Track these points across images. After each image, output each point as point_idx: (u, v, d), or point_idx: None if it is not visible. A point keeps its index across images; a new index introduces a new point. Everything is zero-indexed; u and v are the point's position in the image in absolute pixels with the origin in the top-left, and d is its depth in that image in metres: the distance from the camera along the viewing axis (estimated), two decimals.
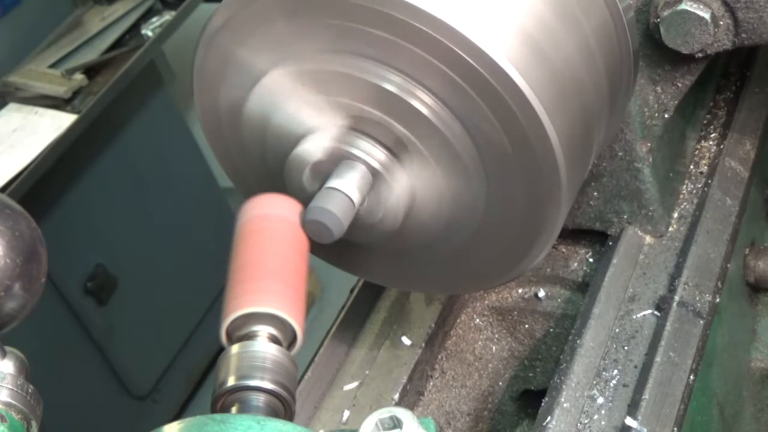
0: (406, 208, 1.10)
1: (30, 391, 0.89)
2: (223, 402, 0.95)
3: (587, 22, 1.12)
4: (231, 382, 0.94)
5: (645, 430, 1.14)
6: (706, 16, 1.19)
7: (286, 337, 1.00)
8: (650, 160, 1.32)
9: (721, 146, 1.48)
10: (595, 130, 1.16)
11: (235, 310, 0.99)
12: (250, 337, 0.98)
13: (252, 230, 1.07)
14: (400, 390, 1.31)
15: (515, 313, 1.45)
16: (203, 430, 0.85)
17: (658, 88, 1.30)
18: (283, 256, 1.05)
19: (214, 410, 0.95)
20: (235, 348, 0.97)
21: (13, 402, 0.87)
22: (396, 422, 0.80)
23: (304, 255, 1.07)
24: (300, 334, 1.00)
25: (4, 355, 0.90)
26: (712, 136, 1.50)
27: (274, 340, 0.98)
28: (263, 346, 0.97)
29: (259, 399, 0.94)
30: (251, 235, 1.07)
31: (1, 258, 0.82)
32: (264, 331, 0.98)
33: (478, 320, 1.47)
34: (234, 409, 0.93)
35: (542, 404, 1.20)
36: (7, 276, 0.83)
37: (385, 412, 0.81)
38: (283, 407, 0.95)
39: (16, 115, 2.91)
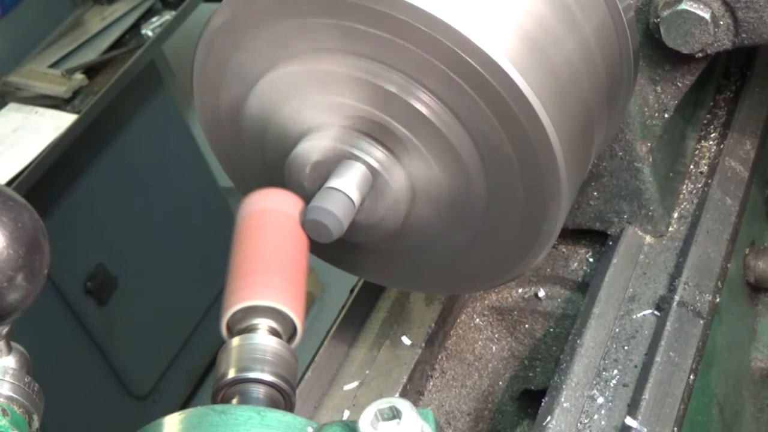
0: (406, 208, 1.10)
1: (32, 385, 0.89)
2: (223, 394, 0.95)
3: (587, 21, 1.12)
4: (231, 374, 0.95)
5: (645, 430, 1.14)
6: (706, 16, 1.19)
7: (286, 330, 1.00)
8: (650, 159, 1.32)
9: (721, 146, 1.48)
10: (595, 129, 1.16)
11: (235, 304, 1.00)
12: (251, 330, 0.98)
13: (252, 224, 1.07)
14: (400, 390, 1.31)
15: (515, 313, 1.45)
16: (204, 421, 0.86)
17: (658, 88, 1.30)
18: (283, 250, 1.06)
19: (214, 402, 0.95)
20: (235, 341, 0.97)
21: (16, 396, 0.88)
22: (395, 413, 0.81)
23: (304, 249, 1.07)
24: (300, 327, 1.01)
25: (10, 351, 0.90)
26: (712, 136, 1.50)
27: (274, 332, 0.99)
28: (263, 339, 0.97)
29: (260, 391, 0.94)
30: (252, 229, 1.07)
31: (4, 249, 0.83)
32: (264, 324, 0.99)
33: (478, 320, 1.47)
34: (234, 401, 0.94)
35: (542, 404, 1.20)
36: (9, 266, 0.83)
37: (384, 403, 0.81)
38: (283, 399, 0.95)
39: (16, 115, 2.91)
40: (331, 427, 0.85)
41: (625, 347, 1.25)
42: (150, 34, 3.09)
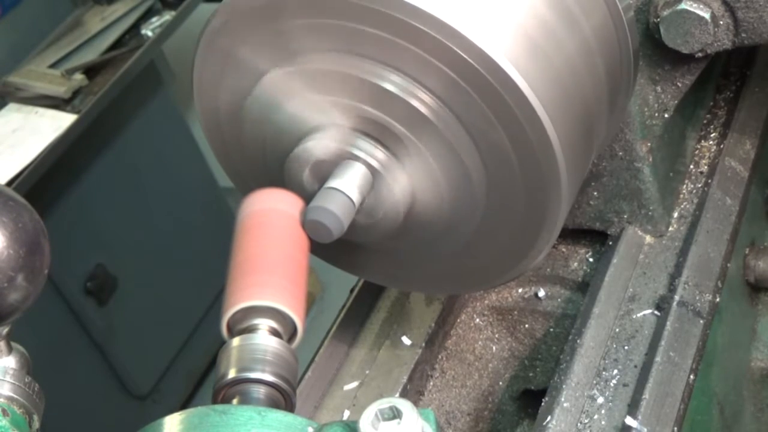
0: (406, 208, 1.10)
1: (32, 385, 0.90)
2: (224, 394, 0.95)
3: (587, 22, 1.12)
4: (232, 374, 0.95)
5: (645, 429, 1.14)
6: (706, 15, 1.19)
7: (286, 330, 1.00)
8: (650, 159, 1.32)
9: (721, 146, 1.48)
10: (595, 129, 1.16)
11: (235, 304, 0.99)
12: (251, 330, 0.98)
13: (253, 224, 1.07)
14: (400, 390, 1.31)
15: (515, 312, 1.45)
16: (205, 421, 0.86)
17: (658, 88, 1.30)
18: (283, 250, 1.06)
19: (215, 402, 0.95)
20: (235, 341, 0.97)
21: (16, 396, 0.88)
22: (396, 413, 0.81)
23: (305, 249, 1.07)
24: (300, 327, 1.01)
25: (10, 351, 0.90)
26: (712, 135, 1.50)
27: (274, 333, 0.99)
28: (264, 339, 0.97)
29: (260, 391, 0.94)
30: (252, 229, 1.07)
31: (5, 249, 0.83)
32: (264, 324, 0.99)
33: (478, 320, 1.47)
34: (235, 401, 0.93)
35: (542, 404, 1.20)
36: (10, 267, 0.83)
37: (384, 403, 0.81)
38: (283, 399, 0.95)
39: (16, 115, 2.91)
40: (332, 427, 0.85)
41: (625, 347, 1.25)
42: (150, 34, 3.09)
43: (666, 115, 1.32)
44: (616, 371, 1.22)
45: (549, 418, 1.17)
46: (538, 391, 1.41)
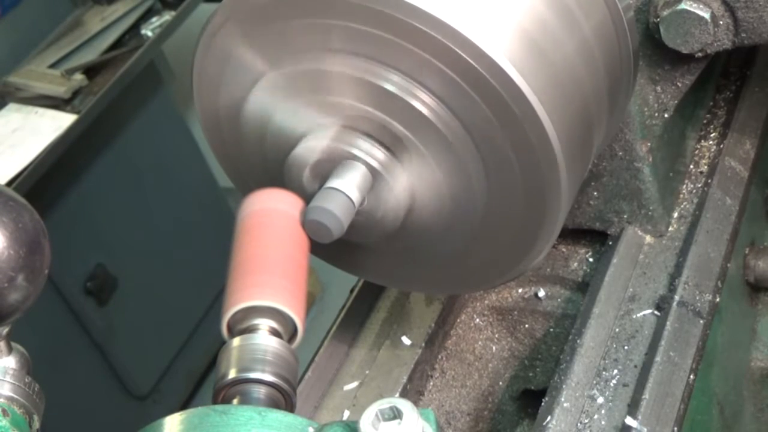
0: (406, 208, 1.11)
1: (32, 385, 0.90)
2: (224, 394, 0.95)
3: (587, 21, 1.12)
4: (232, 374, 0.95)
5: (645, 429, 1.14)
6: (706, 15, 1.19)
7: (286, 331, 1.00)
8: (650, 159, 1.32)
9: (721, 146, 1.48)
10: (595, 129, 1.16)
11: (236, 304, 1.00)
12: (251, 330, 0.98)
13: (253, 224, 1.07)
14: (400, 390, 1.31)
15: (515, 312, 1.45)
16: (205, 421, 0.86)
17: (658, 88, 1.30)
18: (283, 250, 1.06)
19: (215, 402, 0.95)
20: (236, 341, 0.97)
21: (16, 396, 0.88)
22: (396, 413, 0.81)
23: (305, 249, 1.07)
24: (300, 327, 1.01)
25: (10, 351, 0.90)
26: (711, 135, 1.50)
27: (274, 333, 0.99)
28: (264, 339, 0.97)
29: (260, 391, 0.94)
30: (252, 229, 1.07)
31: (5, 249, 0.83)
32: (265, 324, 0.99)
33: (478, 320, 1.47)
34: (235, 401, 0.94)
35: (542, 404, 1.21)
36: (10, 267, 0.83)
37: (385, 403, 0.81)
38: (283, 399, 0.95)
39: (16, 115, 2.91)
40: (332, 427, 0.85)
41: (625, 347, 1.25)
42: (150, 34, 3.10)
43: (666, 115, 1.32)
44: (616, 371, 1.22)
45: (549, 418, 1.17)
46: (538, 391, 1.41)
